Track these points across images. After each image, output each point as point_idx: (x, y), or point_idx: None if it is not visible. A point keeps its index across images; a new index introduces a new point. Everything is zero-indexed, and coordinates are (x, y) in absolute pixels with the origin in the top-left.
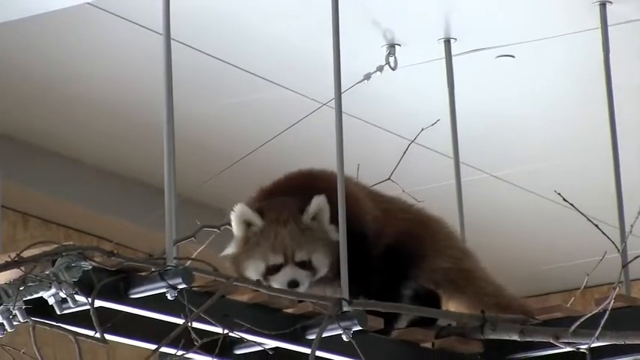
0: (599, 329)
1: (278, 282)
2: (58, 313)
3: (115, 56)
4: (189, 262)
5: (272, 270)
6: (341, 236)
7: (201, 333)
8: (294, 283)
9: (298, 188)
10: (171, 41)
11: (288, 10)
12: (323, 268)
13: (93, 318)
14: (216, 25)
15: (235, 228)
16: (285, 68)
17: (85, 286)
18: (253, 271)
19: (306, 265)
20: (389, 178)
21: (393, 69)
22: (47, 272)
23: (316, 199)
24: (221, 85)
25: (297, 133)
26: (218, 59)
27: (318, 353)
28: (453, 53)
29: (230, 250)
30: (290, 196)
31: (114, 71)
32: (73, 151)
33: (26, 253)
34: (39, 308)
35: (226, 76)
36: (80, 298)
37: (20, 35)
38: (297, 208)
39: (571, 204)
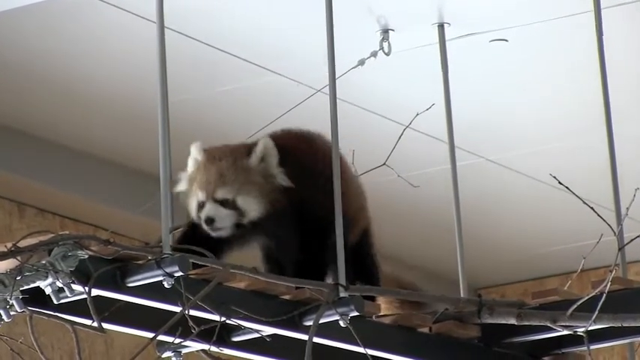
0: (597, 312)
1: (199, 219)
2: (55, 302)
3: (110, 45)
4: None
5: (200, 207)
6: (337, 218)
7: (199, 321)
8: (209, 220)
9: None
10: (165, 29)
11: None
12: (252, 211)
13: (90, 307)
14: (209, 12)
15: (189, 165)
16: (279, 55)
17: (82, 275)
18: (192, 208)
19: (227, 204)
20: (384, 164)
21: (387, 54)
22: (44, 262)
23: (263, 141)
24: (215, 72)
25: (291, 119)
26: (211, 46)
27: (316, 339)
28: (446, 38)
29: (181, 187)
30: None
31: (108, 60)
32: (68, 140)
33: (22, 243)
34: (36, 298)
35: (220, 64)
36: (77, 288)
37: (15, 25)
38: (245, 149)
39: (566, 187)
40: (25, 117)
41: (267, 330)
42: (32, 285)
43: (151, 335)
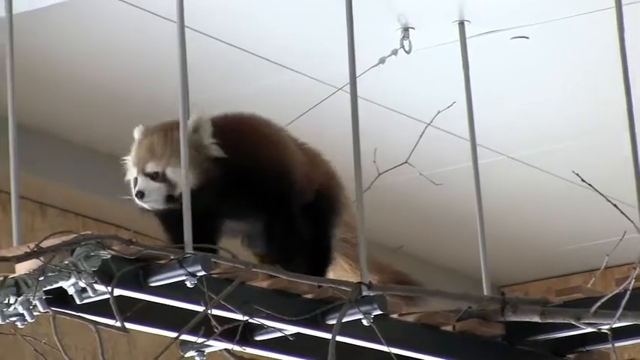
0: (620, 309)
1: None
2: (78, 302)
3: (130, 45)
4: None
5: (134, 183)
6: (359, 223)
7: (222, 320)
8: (139, 194)
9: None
10: (186, 29)
11: None
12: (183, 182)
13: (113, 307)
14: (228, 11)
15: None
16: (300, 53)
17: (105, 275)
18: (131, 187)
19: (157, 177)
20: (406, 162)
21: (408, 52)
22: (66, 262)
23: (196, 114)
24: (236, 71)
25: (312, 118)
26: (232, 45)
27: (339, 338)
28: (467, 35)
29: (128, 175)
30: None
31: (129, 61)
32: (89, 141)
33: (45, 244)
34: (59, 298)
35: (241, 63)
36: (100, 288)
37: (39, 26)
38: (176, 123)
39: (589, 184)
40: (47, 118)
41: (290, 329)
42: (55, 285)
43: (174, 335)
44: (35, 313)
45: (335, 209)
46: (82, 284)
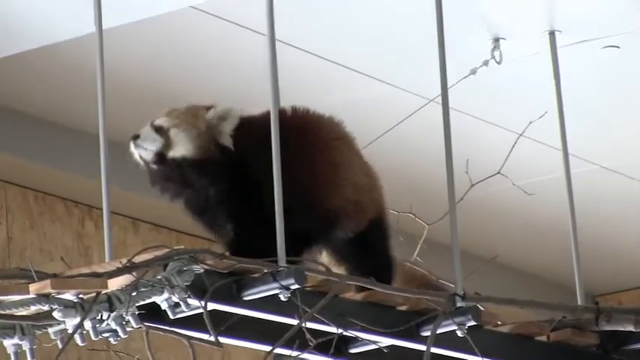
0: None
1: None
2: (171, 317)
3: (220, 59)
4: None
5: None
6: (452, 233)
7: (316, 333)
8: (135, 136)
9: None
10: (276, 42)
11: (392, 6)
12: (181, 146)
13: (206, 321)
14: (319, 23)
15: None
16: (391, 65)
17: (198, 289)
18: None
19: (160, 131)
20: (498, 172)
21: (499, 63)
22: (159, 277)
23: (229, 106)
24: (327, 83)
25: (405, 129)
26: (323, 58)
27: (434, 349)
28: (558, 45)
29: None
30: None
31: (220, 74)
32: None
33: (137, 259)
34: (152, 313)
35: (332, 75)
36: (193, 302)
37: (131, 42)
38: (205, 106)
39: None
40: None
41: (385, 341)
42: (148, 300)
43: (268, 348)
44: (128, 329)
45: (389, 229)
46: (175, 299)
